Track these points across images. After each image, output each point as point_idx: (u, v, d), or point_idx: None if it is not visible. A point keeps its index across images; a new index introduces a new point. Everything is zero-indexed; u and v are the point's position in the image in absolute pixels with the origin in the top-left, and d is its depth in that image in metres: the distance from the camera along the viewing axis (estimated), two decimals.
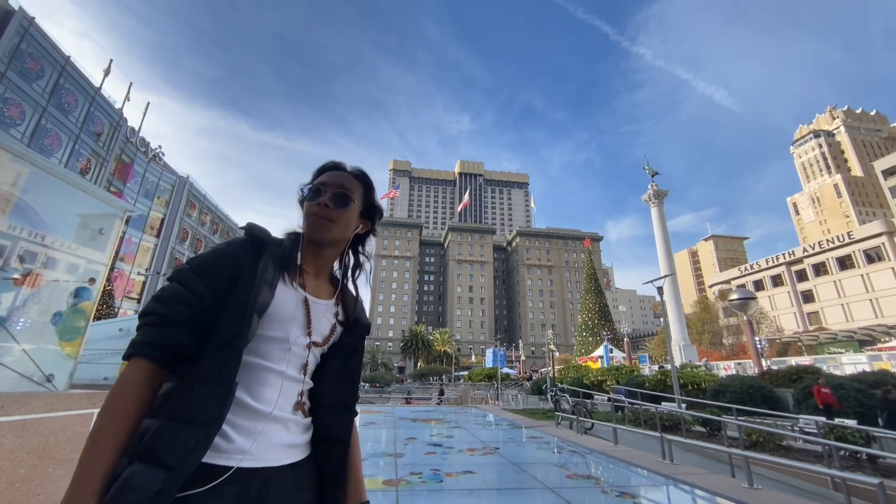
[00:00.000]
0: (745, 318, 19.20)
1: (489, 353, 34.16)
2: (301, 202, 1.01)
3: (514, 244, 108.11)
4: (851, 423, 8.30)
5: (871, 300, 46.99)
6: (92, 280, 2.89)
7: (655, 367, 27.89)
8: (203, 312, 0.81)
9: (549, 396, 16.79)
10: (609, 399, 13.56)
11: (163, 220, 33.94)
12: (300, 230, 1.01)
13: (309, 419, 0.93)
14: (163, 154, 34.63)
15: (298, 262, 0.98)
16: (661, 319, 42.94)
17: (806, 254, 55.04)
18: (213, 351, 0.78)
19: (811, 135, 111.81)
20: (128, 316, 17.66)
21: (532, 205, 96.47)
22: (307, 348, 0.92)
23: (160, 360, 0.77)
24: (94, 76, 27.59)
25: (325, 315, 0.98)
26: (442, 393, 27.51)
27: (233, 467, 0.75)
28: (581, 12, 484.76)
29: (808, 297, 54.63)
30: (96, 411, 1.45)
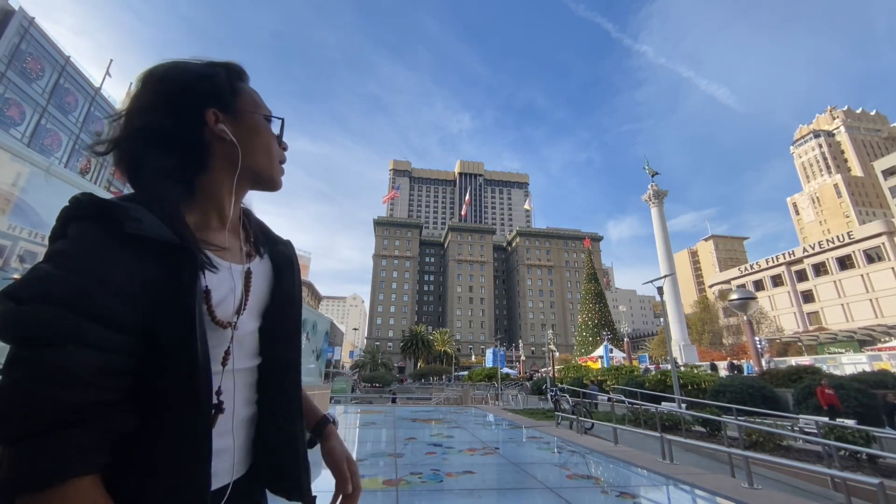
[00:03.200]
0: (745, 318, 19.20)
1: (489, 353, 34.18)
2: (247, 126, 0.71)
3: (514, 244, 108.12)
4: (851, 423, 8.30)
5: (871, 300, 47.00)
6: None
7: (653, 368, 27.92)
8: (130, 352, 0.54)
9: (549, 396, 16.79)
10: (609, 399, 13.57)
11: None
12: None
13: None
14: None
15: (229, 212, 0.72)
16: (661, 319, 42.97)
17: (806, 254, 55.05)
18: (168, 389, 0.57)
19: (811, 135, 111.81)
20: None
21: (526, 206, 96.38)
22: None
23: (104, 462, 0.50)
24: (94, 75, 27.62)
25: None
26: (394, 401, 27.10)
27: (229, 483, 0.67)
28: (582, 9, 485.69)
29: (808, 297, 54.64)
30: None
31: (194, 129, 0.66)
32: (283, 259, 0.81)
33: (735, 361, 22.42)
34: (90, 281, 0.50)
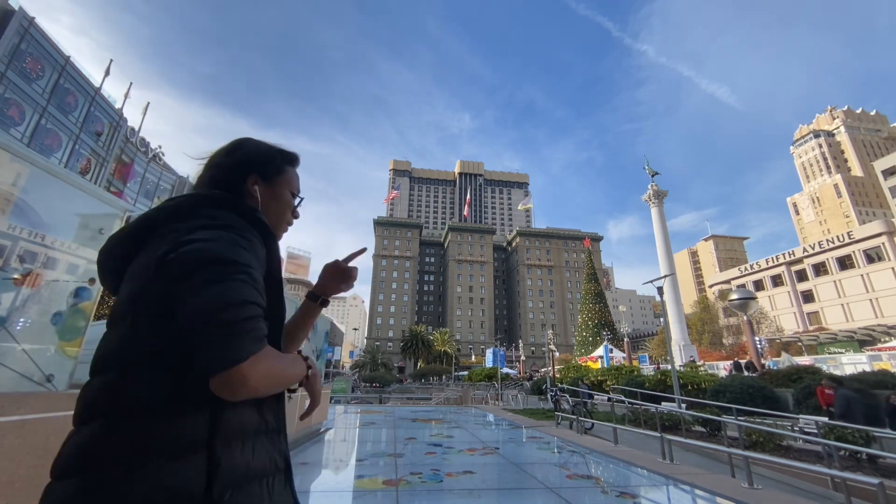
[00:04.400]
0: (745, 318, 19.19)
1: (489, 353, 34.18)
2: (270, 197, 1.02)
3: (514, 244, 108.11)
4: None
5: (871, 300, 47.00)
6: (92, 280, 2.88)
7: (652, 368, 27.89)
8: None
9: (549, 396, 16.79)
10: (608, 399, 13.57)
11: None
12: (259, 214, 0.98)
13: None
14: (163, 154, 34.62)
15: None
16: (661, 319, 42.98)
17: (806, 254, 55.06)
18: None
19: (811, 135, 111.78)
20: None
21: (521, 206, 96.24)
22: None
23: None
24: (93, 74, 27.62)
25: None
26: (381, 401, 27.29)
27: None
28: (583, 8, 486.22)
29: (808, 297, 54.65)
30: None
31: (238, 182, 0.96)
32: None
33: (741, 360, 22.26)
34: (248, 239, 0.81)
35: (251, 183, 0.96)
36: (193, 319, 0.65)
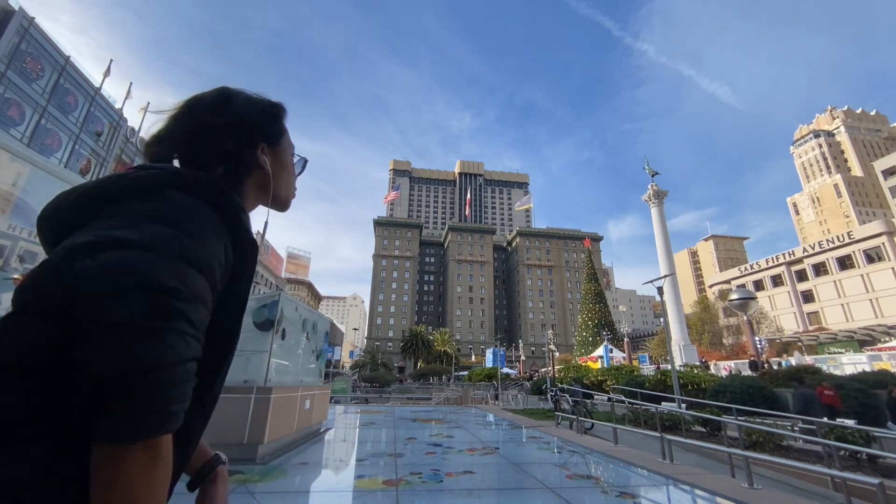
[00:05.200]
0: (745, 318, 19.19)
1: (489, 353, 34.18)
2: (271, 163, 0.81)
3: (514, 244, 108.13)
4: (851, 422, 8.30)
5: (871, 300, 47.02)
6: None
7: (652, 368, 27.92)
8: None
9: (549, 396, 16.79)
10: (609, 399, 13.57)
11: None
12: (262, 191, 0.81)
13: None
14: None
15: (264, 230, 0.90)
16: (661, 319, 42.98)
17: (806, 254, 55.07)
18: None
19: (811, 135, 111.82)
20: None
21: (520, 206, 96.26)
22: None
23: None
24: (93, 74, 27.62)
25: None
26: (367, 401, 27.28)
27: None
28: (583, 8, 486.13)
29: (808, 297, 54.67)
30: None
31: (247, 155, 0.77)
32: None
33: (764, 359, 22.07)
34: (209, 250, 0.56)
35: (260, 152, 0.78)
36: (94, 381, 0.45)
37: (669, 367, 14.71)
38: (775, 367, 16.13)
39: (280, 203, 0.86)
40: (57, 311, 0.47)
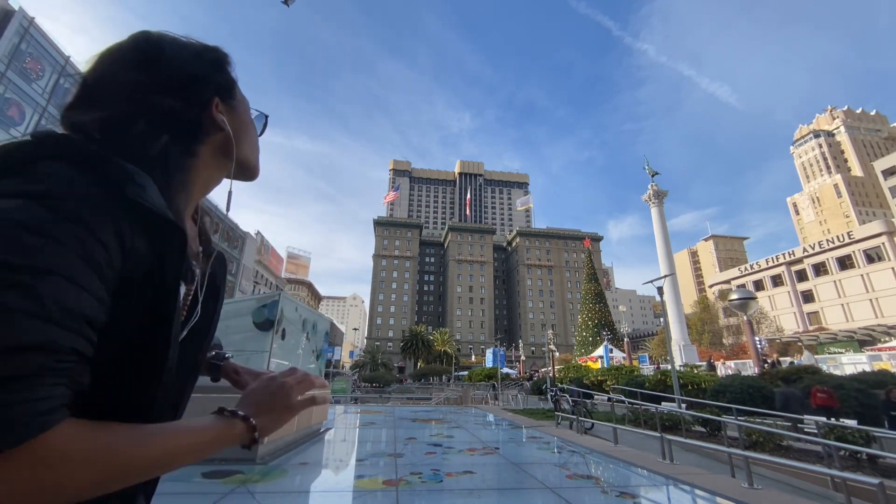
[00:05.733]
0: (745, 318, 19.20)
1: (489, 353, 34.19)
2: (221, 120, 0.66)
3: (514, 244, 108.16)
4: (851, 423, 8.31)
5: (871, 300, 47.04)
6: None
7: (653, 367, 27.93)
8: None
9: (549, 396, 16.80)
10: (609, 399, 13.58)
11: None
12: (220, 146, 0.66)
13: None
14: None
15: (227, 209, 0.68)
16: (661, 319, 43.00)
17: (806, 254, 55.10)
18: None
19: (811, 135, 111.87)
20: None
21: (520, 206, 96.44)
22: None
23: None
24: None
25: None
26: (356, 401, 27.23)
27: None
28: (583, 7, 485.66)
29: (808, 297, 54.69)
30: None
31: (198, 114, 0.62)
32: (219, 277, 0.74)
33: (776, 359, 22.14)
34: (78, 225, 0.42)
35: (215, 110, 0.64)
36: None
37: (669, 367, 14.72)
38: (786, 366, 16.21)
39: (247, 168, 0.71)
40: None
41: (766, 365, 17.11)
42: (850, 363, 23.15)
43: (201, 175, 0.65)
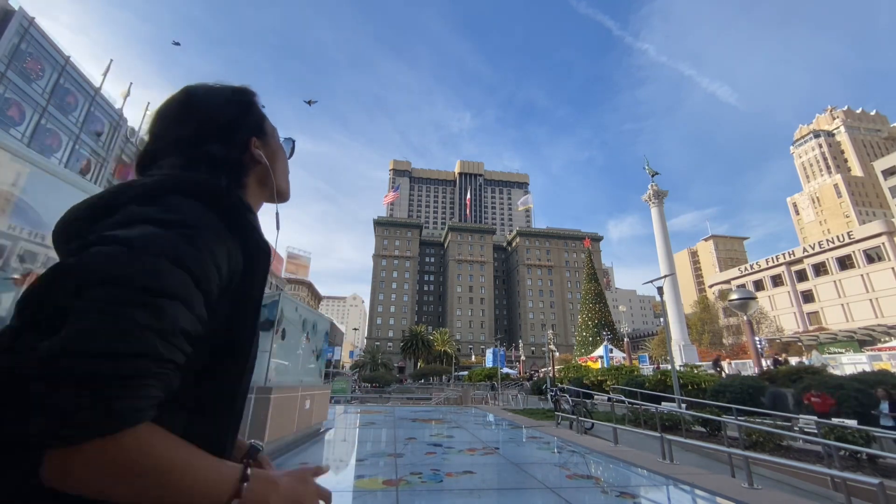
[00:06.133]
0: (745, 318, 19.19)
1: (489, 353, 34.18)
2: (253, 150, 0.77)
3: (514, 244, 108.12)
4: (851, 423, 8.30)
5: (871, 300, 47.01)
6: None
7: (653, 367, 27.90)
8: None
9: (548, 396, 16.79)
10: (609, 399, 13.57)
11: None
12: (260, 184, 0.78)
13: None
14: None
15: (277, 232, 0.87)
16: (661, 319, 42.99)
17: (806, 254, 55.07)
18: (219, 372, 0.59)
19: (811, 135, 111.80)
20: None
21: (520, 206, 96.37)
22: None
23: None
24: (93, 74, 27.62)
25: None
26: (351, 402, 27.12)
27: None
28: (583, 7, 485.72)
29: (808, 297, 54.66)
30: None
31: (240, 154, 0.74)
32: None
33: (784, 358, 22.06)
34: (205, 252, 0.53)
35: (253, 147, 0.75)
36: (36, 364, 0.41)
37: (669, 366, 14.71)
38: (791, 366, 16.22)
39: (281, 193, 0.83)
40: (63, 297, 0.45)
41: (776, 364, 17.10)
42: (850, 363, 23.13)
43: (251, 201, 0.76)
